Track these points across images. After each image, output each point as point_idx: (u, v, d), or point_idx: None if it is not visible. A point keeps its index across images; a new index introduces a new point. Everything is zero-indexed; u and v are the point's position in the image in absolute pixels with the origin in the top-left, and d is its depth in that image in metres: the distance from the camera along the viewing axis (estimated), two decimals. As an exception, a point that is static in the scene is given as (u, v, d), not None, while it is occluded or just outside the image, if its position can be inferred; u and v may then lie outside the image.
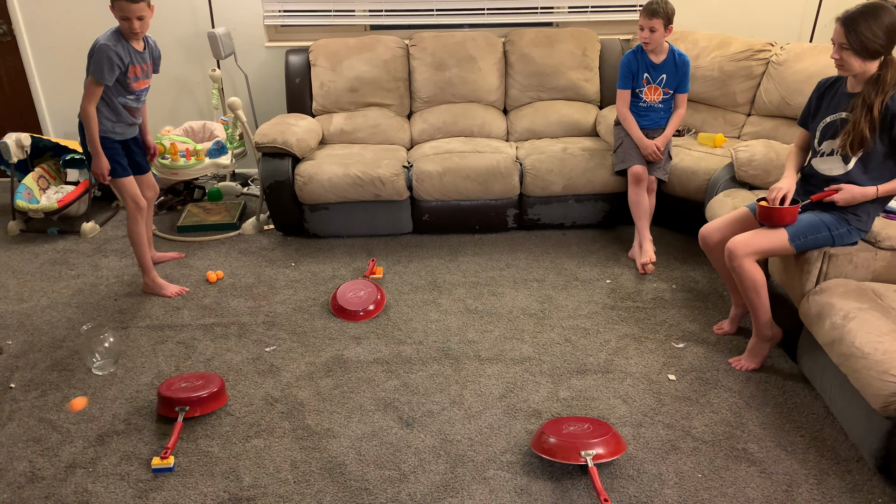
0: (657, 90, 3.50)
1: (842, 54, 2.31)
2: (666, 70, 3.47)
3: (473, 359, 2.78)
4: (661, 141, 3.49)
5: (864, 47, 2.26)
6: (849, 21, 2.27)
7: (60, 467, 2.24)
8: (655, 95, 3.51)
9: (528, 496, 2.11)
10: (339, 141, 4.11)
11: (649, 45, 3.42)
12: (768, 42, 3.92)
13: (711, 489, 2.12)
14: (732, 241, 2.49)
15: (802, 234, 2.43)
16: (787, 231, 2.44)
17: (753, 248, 2.46)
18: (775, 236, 2.45)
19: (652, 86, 3.49)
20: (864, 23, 2.24)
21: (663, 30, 3.36)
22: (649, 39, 3.38)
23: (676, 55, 3.47)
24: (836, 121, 2.44)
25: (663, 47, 3.46)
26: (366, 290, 3.15)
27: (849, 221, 2.44)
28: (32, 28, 4.33)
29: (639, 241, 3.49)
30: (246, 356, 2.82)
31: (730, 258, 2.49)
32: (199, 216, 4.06)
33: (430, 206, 3.78)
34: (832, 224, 2.43)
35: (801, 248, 2.47)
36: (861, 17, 2.25)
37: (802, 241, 2.44)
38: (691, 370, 2.69)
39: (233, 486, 2.16)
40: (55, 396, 2.58)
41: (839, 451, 2.27)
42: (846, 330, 2.22)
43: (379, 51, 4.15)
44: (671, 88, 3.51)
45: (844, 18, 2.28)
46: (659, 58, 3.47)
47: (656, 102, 3.53)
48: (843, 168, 2.43)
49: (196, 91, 4.54)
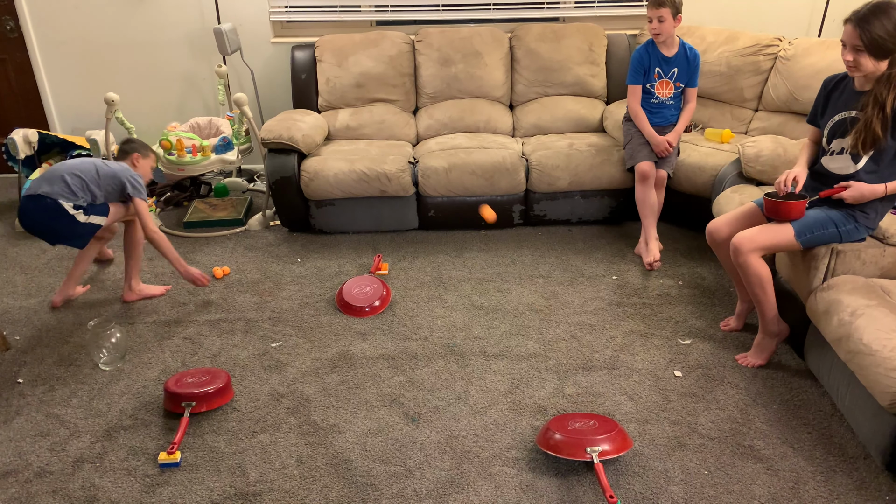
0: (668, 84, 3.47)
1: (855, 55, 2.28)
2: (678, 64, 3.44)
3: (479, 355, 2.78)
4: (672, 136, 3.46)
5: (878, 47, 2.22)
6: (861, 21, 2.22)
7: (68, 462, 2.25)
8: (667, 90, 3.48)
9: (533, 492, 2.11)
10: (345, 137, 4.11)
11: (660, 37, 3.38)
12: (776, 37, 3.89)
13: (717, 486, 2.12)
14: (738, 237, 2.48)
15: (809, 229, 2.42)
16: (794, 227, 2.42)
17: (759, 244, 2.44)
18: (782, 232, 2.43)
19: (664, 80, 3.47)
20: (878, 22, 2.20)
21: (672, 19, 3.33)
22: (659, 30, 3.35)
23: (687, 49, 3.45)
24: (845, 119, 2.42)
25: (674, 40, 3.43)
26: (371, 287, 3.16)
27: (856, 218, 2.42)
28: (40, 24, 4.34)
29: (645, 239, 3.48)
30: (252, 352, 2.82)
31: (735, 254, 2.48)
32: (206, 212, 4.07)
33: (436, 202, 3.78)
34: (839, 220, 2.42)
35: (807, 244, 2.45)
36: (873, 17, 2.21)
37: (809, 236, 2.43)
38: (697, 367, 2.68)
39: (239, 482, 2.16)
40: (63, 392, 2.59)
41: (846, 449, 2.26)
42: (854, 327, 2.20)
43: (385, 46, 4.15)
44: (682, 83, 3.48)
45: (856, 19, 2.24)
46: (671, 51, 3.44)
47: (667, 98, 3.50)
48: (854, 167, 2.41)
49: (202, 87, 4.54)
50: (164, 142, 3.74)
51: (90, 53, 4.42)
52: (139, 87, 4.49)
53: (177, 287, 3.32)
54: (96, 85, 4.46)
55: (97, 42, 4.38)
